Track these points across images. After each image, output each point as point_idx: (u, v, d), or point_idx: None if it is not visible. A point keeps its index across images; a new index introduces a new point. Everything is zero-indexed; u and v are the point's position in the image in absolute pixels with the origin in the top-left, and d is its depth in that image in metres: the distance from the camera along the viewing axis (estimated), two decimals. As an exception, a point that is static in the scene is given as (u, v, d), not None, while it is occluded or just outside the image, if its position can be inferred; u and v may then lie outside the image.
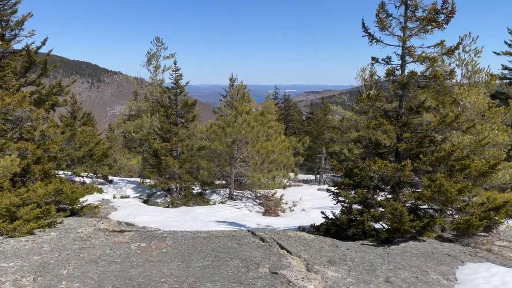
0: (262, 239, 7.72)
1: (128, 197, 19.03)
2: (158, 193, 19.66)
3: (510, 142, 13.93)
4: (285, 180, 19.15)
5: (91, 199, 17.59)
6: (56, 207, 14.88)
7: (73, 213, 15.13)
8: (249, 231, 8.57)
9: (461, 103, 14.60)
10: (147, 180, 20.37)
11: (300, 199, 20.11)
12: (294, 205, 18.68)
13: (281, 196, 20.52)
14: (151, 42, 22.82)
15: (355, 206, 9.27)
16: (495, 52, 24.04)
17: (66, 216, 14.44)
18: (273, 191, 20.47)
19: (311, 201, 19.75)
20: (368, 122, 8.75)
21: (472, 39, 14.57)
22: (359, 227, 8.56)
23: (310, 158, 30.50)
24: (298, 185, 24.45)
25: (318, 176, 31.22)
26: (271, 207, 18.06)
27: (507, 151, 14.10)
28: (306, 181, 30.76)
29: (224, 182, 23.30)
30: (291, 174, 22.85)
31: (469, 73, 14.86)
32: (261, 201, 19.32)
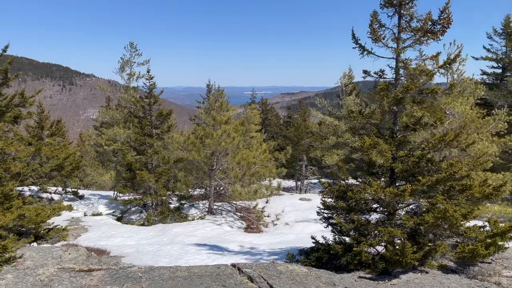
0: (251, 279, 6.84)
1: (100, 214, 17.78)
2: (133, 209, 18.48)
3: (499, 153, 13.60)
4: (267, 192, 18.33)
5: (59, 218, 16.27)
6: (18, 230, 13.57)
7: (38, 237, 13.85)
8: (234, 266, 7.67)
9: (448, 112, 14.16)
10: (121, 194, 19.15)
11: (282, 211, 19.34)
12: (277, 219, 17.89)
13: (263, 208, 19.72)
14: (124, 47, 21.58)
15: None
16: (474, 57, 23.99)
17: (30, 242, 13.17)
18: (254, 203, 19.63)
19: (294, 213, 19.00)
20: (362, 142, 8.01)
21: (457, 47, 14.17)
22: (355, 258, 7.80)
23: (290, 165, 29.80)
24: (279, 194, 23.68)
25: (299, 183, 30.58)
26: (253, 222, 17.19)
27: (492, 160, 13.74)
28: (287, 189, 30.09)
29: (203, 190, 22.33)
30: (274, 182, 22.10)
31: (455, 81, 14.47)
32: (242, 215, 18.44)
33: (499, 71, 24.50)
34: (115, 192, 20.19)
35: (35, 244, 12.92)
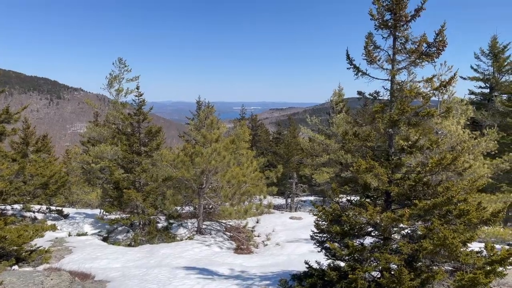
0: (243, 310, 6.49)
1: (85, 234, 17.22)
2: (120, 228, 17.96)
3: (491, 174, 13.57)
4: (258, 211, 18.00)
5: (43, 238, 15.68)
6: (-1, 253, 12.99)
7: (20, 259, 13.27)
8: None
9: (439, 132, 14.14)
10: (107, 213, 18.62)
11: (273, 231, 19.00)
12: (268, 239, 17.54)
13: (253, 227, 19.36)
14: (113, 63, 21.33)
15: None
16: (462, 77, 24.27)
17: (11, 265, 12.58)
18: (244, 222, 19.27)
19: (284, 233, 18.68)
20: (357, 166, 7.82)
21: (447, 68, 14.23)
22: (351, 285, 7.52)
23: (280, 182, 29.53)
24: (269, 212, 23.36)
25: (289, 200, 30.30)
26: (243, 242, 16.81)
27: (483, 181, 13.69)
28: (277, 207, 29.77)
29: (192, 208, 21.89)
30: (265, 201, 21.79)
31: (446, 101, 14.49)
32: (232, 234, 18.05)
33: (487, 91, 24.81)
34: (102, 211, 19.67)
35: (16, 267, 12.36)
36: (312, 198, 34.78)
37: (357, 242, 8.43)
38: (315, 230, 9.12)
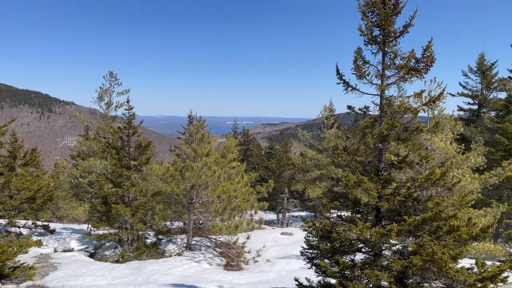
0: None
1: (71, 250, 16.84)
2: (107, 244, 17.60)
3: (480, 189, 13.59)
4: (249, 227, 17.78)
5: (27, 255, 15.28)
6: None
7: (3, 276, 12.89)
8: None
9: (429, 148, 14.18)
10: (95, 229, 18.28)
11: (264, 246, 18.77)
12: (258, 255, 17.29)
13: (244, 243, 19.10)
14: (103, 77, 21.21)
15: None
16: (451, 94, 24.55)
17: (-8, 282, 12.21)
18: (234, 238, 19.03)
19: (275, 249, 18.45)
20: (347, 180, 7.75)
21: (437, 84, 14.35)
22: (341, 304, 7.37)
23: (272, 197, 29.38)
24: (260, 228, 23.11)
25: (280, 216, 30.08)
26: (233, 258, 16.55)
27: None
28: (268, 222, 29.53)
29: (182, 223, 21.60)
30: (256, 216, 21.59)
31: (436, 117, 14.58)
32: (222, 250, 17.78)
33: (475, 107, 25.09)
34: (89, 226, 19.31)
35: (-2, 284, 11.99)
36: (303, 213, 34.61)
37: (348, 258, 8.31)
38: (305, 246, 8.97)
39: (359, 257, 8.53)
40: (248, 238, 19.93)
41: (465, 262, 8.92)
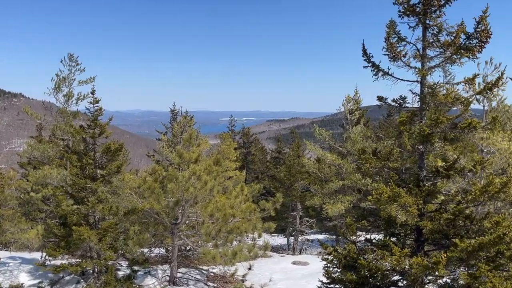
0: None
1: (21, 286, 16.91)
2: (67, 278, 17.69)
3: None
4: (250, 254, 17.80)
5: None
6: None
7: None
8: None
9: (485, 150, 14.14)
10: (51, 258, 18.34)
11: (270, 280, 18.81)
12: (263, 292, 17.32)
13: (244, 275, 19.14)
14: (61, 61, 21.20)
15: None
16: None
17: None
18: (232, 269, 19.04)
19: (285, 283, 18.50)
20: (378, 194, 7.74)
21: (494, 67, 14.30)
22: None
23: (280, 216, 29.38)
24: (266, 256, 23.11)
25: (291, 240, 30.11)
26: (230, 296, 16.57)
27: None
28: (276, 248, 29.55)
29: (164, 250, 21.62)
30: (260, 241, 21.60)
31: (493, 110, 14.55)
32: (216, 285, 17.82)
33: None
34: (44, 255, 19.34)
35: None
36: (321, 236, 34.61)
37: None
38: (325, 280, 8.99)
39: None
40: (250, 269, 19.92)
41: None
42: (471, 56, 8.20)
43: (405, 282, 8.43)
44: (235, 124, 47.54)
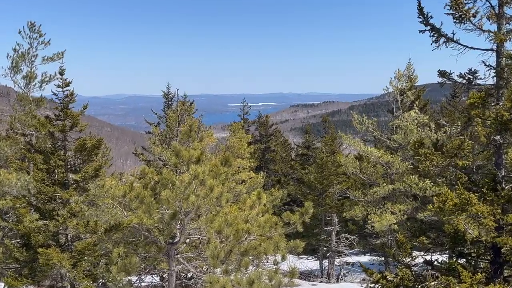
0: None
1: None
2: (32, 315, 17.91)
3: None
4: (272, 282, 17.85)
5: None
6: None
7: None
8: None
9: None
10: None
11: (298, 317, 18.81)
12: (289, 334, 17.35)
13: (264, 311, 19.16)
14: (19, 32, 21.43)
15: None
16: None
17: None
18: (248, 303, 19.07)
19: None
20: (440, 201, 7.69)
21: None
22: None
23: (310, 232, 29.39)
24: (292, 284, 23.15)
25: (326, 263, 30.08)
26: None
27: None
28: (305, 274, 29.56)
29: (157, 279, 21.76)
30: (283, 265, 21.61)
31: None
32: (226, 324, 17.86)
33: None
34: (2, 286, 19.60)
35: None
36: (365, 258, 34.55)
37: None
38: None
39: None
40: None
41: None
42: None
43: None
44: (248, 111, 47.52)
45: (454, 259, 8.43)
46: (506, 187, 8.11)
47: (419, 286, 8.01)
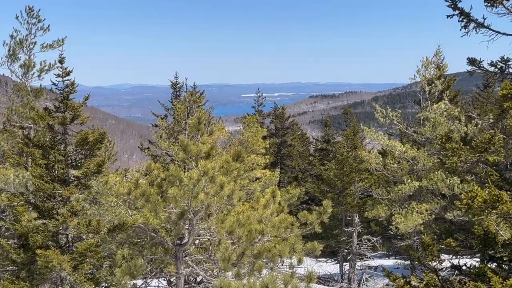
0: None
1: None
2: (31, 321, 18.07)
3: None
4: (287, 287, 17.87)
5: None
6: None
7: None
8: None
9: None
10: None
11: (316, 325, 18.84)
12: None
13: (279, 318, 19.20)
14: (16, 17, 21.53)
15: None
16: None
17: None
18: (261, 309, 19.12)
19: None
20: (469, 199, 7.65)
21: None
22: None
23: (329, 233, 29.37)
24: (309, 289, 23.19)
25: (346, 267, 30.07)
26: None
27: None
28: (324, 279, 29.55)
29: (164, 283, 21.85)
30: (301, 268, 21.62)
31: None
32: (238, 332, 17.92)
33: None
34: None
35: None
36: (389, 262, 34.51)
37: None
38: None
39: None
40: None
41: None
42: None
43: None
44: (263, 102, 47.41)
45: (484, 263, 8.39)
46: (542, 185, 8.06)
47: (446, 290, 8.00)
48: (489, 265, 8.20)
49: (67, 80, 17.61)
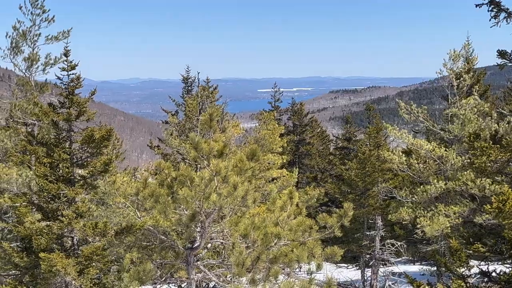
0: None
1: None
2: (34, 328, 18.17)
3: None
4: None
5: None
6: None
7: None
8: None
9: None
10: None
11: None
12: None
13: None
14: (20, 8, 21.59)
15: None
16: None
17: None
18: (278, 318, 19.11)
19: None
20: (499, 201, 7.60)
21: None
22: None
23: (350, 237, 29.28)
24: (328, 297, 23.16)
25: (368, 273, 29.98)
26: None
27: None
28: (344, 285, 29.48)
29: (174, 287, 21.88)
30: (320, 274, 21.60)
31: None
32: None
33: None
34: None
35: None
36: (415, 267, 34.36)
37: None
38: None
39: None
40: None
41: None
42: None
43: None
44: (280, 97, 47.35)
45: (515, 269, 8.33)
46: None
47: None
48: (520, 272, 8.13)
49: (73, 74, 17.62)
